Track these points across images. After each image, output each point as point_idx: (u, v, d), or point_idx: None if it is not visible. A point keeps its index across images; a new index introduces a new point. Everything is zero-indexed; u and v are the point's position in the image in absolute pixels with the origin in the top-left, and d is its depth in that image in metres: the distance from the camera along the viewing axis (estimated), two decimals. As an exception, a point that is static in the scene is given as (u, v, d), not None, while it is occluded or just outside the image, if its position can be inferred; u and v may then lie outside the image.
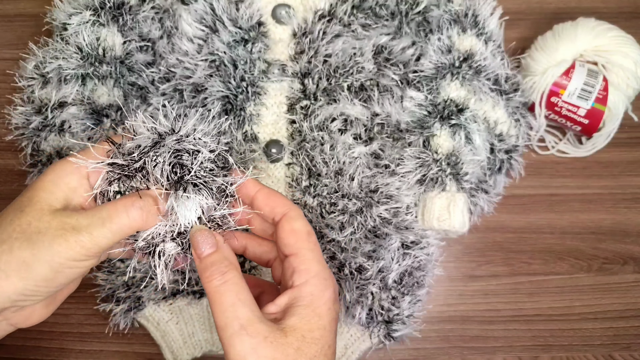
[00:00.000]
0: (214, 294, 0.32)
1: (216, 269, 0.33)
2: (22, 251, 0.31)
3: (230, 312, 0.31)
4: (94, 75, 0.50)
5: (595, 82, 0.53)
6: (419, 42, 0.54)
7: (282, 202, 0.36)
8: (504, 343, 0.51)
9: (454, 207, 0.48)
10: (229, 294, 0.32)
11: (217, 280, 0.32)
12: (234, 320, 0.31)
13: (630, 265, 0.53)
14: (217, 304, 0.32)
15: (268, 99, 0.53)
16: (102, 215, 0.32)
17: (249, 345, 0.31)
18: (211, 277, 0.32)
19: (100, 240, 0.32)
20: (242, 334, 0.31)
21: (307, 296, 0.33)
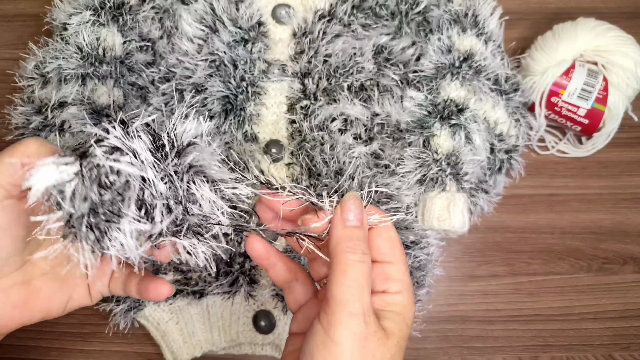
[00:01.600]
0: (349, 266, 0.30)
1: (360, 245, 0.31)
2: None
3: (357, 291, 0.30)
4: (94, 75, 0.50)
5: (595, 82, 0.53)
6: (419, 42, 0.54)
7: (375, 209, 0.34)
8: (504, 343, 0.51)
9: (454, 207, 0.48)
10: (363, 274, 0.30)
11: (357, 255, 0.31)
12: (357, 302, 0.29)
13: (630, 265, 0.53)
14: (346, 277, 0.30)
15: (268, 99, 0.53)
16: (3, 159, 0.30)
17: (362, 332, 0.29)
18: (353, 249, 0.31)
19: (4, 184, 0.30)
20: (360, 319, 0.29)
21: (399, 304, 0.32)
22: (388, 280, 0.33)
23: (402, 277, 0.33)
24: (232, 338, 0.49)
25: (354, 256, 0.31)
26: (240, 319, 0.49)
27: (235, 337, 0.49)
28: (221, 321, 0.49)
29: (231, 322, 0.49)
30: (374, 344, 0.30)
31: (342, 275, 0.30)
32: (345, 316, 0.29)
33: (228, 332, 0.49)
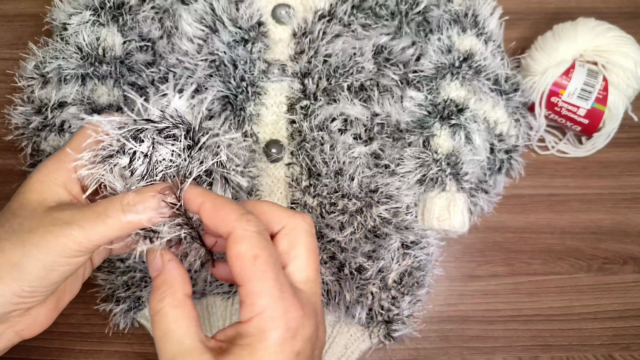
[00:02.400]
0: (152, 317, 0.30)
1: (157, 293, 0.30)
2: (14, 252, 0.30)
3: (170, 337, 0.29)
4: (94, 75, 0.50)
5: (595, 82, 0.53)
6: (419, 42, 0.54)
7: (226, 218, 0.30)
8: (504, 343, 0.51)
9: (454, 207, 0.48)
10: (165, 320, 0.29)
11: (155, 304, 0.30)
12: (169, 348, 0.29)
13: (630, 265, 0.53)
14: (155, 330, 0.30)
15: (268, 99, 0.53)
16: (97, 209, 0.30)
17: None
18: (152, 300, 0.30)
19: (92, 234, 0.30)
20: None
21: (247, 336, 0.28)
22: (242, 305, 0.29)
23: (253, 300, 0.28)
24: (232, 338, 0.49)
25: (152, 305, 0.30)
26: (240, 319, 0.49)
27: (235, 337, 0.49)
28: (221, 321, 0.49)
29: (231, 322, 0.49)
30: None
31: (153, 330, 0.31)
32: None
33: (228, 332, 0.49)
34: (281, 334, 0.28)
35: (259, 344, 0.28)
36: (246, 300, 0.29)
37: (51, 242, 0.30)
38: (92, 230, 0.30)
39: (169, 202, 0.32)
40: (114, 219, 0.30)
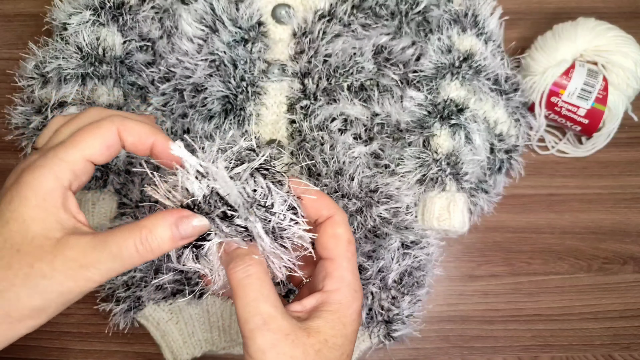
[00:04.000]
0: (237, 287, 0.31)
1: (240, 262, 0.32)
2: (32, 299, 0.30)
3: (253, 306, 0.31)
4: (94, 75, 0.50)
5: (595, 82, 0.53)
6: (419, 42, 0.54)
7: (328, 204, 0.35)
8: (504, 343, 0.51)
9: (454, 207, 0.48)
10: (252, 287, 0.31)
11: (240, 273, 0.31)
12: (256, 315, 0.30)
13: (630, 265, 0.53)
14: (239, 298, 0.31)
15: (268, 98, 0.53)
16: (112, 249, 0.30)
17: (269, 340, 0.30)
18: (234, 269, 0.31)
19: (110, 274, 0.31)
20: (264, 329, 0.30)
21: (335, 303, 0.33)
22: (325, 277, 0.33)
23: (342, 274, 0.33)
24: (232, 338, 0.49)
25: (238, 275, 0.31)
26: (240, 319, 0.49)
27: (235, 337, 0.49)
28: (221, 321, 0.49)
29: (231, 322, 0.49)
30: (288, 347, 0.30)
31: (237, 299, 0.31)
32: (250, 333, 0.30)
33: (228, 332, 0.49)
34: (359, 306, 0.34)
35: (346, 309, 0.33)
36: (334, 273, 0.33)
37: (71, 287, 0.30)
38: (109, 271, 0.30)
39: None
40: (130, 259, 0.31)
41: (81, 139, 0.31)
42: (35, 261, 0.29)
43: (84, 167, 0.32)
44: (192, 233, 0.31)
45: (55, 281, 0.29)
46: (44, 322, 0.31)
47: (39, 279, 0.29)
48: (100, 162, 0.32)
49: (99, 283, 0.31)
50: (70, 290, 0.30)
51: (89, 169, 0.32)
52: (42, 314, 0.30)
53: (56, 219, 0.31)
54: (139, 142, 0.33)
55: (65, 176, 0.31)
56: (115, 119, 0.32)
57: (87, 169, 0.32)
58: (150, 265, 0.48)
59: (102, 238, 0.30)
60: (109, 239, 0.30)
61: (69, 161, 0.31)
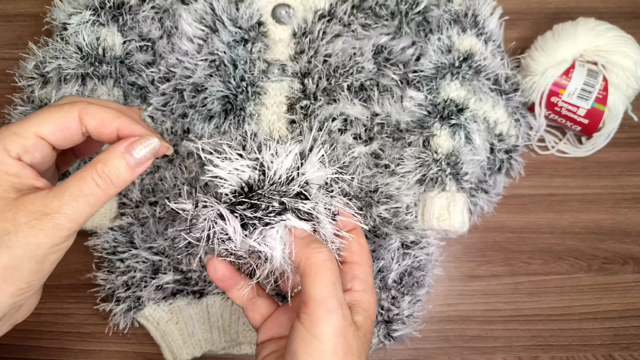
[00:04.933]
0: (320, 267, 0.32)
1: (321, 245, 0.33)
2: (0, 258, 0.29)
3: (332, 288, 0.32)
4: (94, 75, 0.50)
5: (595, 82, 0.53)
6: (419, 42, 0.54)
7: (352, 215, 0.37)
8: (504, 343, 0.51)
9: (454, 207, 0.48)
10: (334, 272, 0.32)
11: (324, 254, 0.32)
12: (334, 298, 0.31)
13: (630, 265, 0.53)
14: (321, 277, 0.32)
15: (268, 98, 0.53)
16: (72, 191, 0.30)
17: (341, 325, 0.31)
18: (317, 250, 0.32)
19: (78, 216, 0.30)
20: (339, 313, 0.31)
21: (366, 302, 0.35)
22: (354, 279, 0.35)
23: (367, 277, 0.35)
24: (232, 338, 0.49)
25: (321, 255, 0.32)
26: (240, 319, 0.49)
27: (235, 337, 0.49)
28: (221, 321, 0.49)
29: (231, 322, 0.49)
30: (350, 335, 0.32)
31: (316, 276, 0.32)
32: (325, 313, 0.31)
33: (228, 332, 0.49)
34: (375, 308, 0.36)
35: (372, 308, 0.35)
36: (362, 276, 0.35)
37: (39, 237, 0.29)
38: (75, 213, 0.30)
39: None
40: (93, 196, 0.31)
41: (36, 116, 0.32)
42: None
43: (35, 142, 0.31)
44: (146, 155, 0.32)
45: (20, 235, 0.29)
46: (25, 286, 0.30)
47: (3, 236, 0.29)
48: (56, 143, 0.32)
49: (69, 230, 0.30)
50: (39, 242, 0.29)
51: (42, 145, 0.32)
52: (16, 274, 0.30)
53: (10, 184, 0.30)
54: (102, 126, 0.32)
55: (14, 149, 0.31)
56: (78, 104, 0.32)
57: (39, 146, 0.32)
58: (151, 266, 0.48)
59: (60, 185, 0.30)
60: (66, 183, 0.30)
61: (19, 135, 0.31)
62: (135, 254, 0.48)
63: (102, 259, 0.49)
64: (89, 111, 0.32)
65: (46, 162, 0.33)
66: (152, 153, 0.32)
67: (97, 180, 0.31)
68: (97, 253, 0.49)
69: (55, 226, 0.30)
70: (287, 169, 0.33)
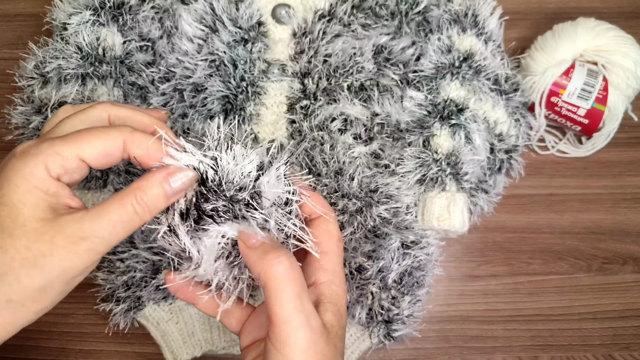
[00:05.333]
0: (281, 281, 0.30)
1: (279, 254, 0.31)
2: (33, 279, 0.29)
3: (297, 302, 0.30)
4: (94, 75, 0.50)
5: (595, 82, 0.53)
6: (419, 42, 0.54)
7: (321, 202, 0.36)
8: (504, 343, 0.51)
9: (454, 207, 0.48)
10: (296, 281, 0.30)
11: (283, 266, 0.30)
12: (300, 313, 0.30)
13: (630, 265, 0.53)
14: (283, 292, 0.30)
15: (268, 98, 0.53)
16: (111, 216, 0.30)
17: (310, 339, 0.30)
18: (277, 260, 0.30)
19: (113, 241, 0.30)
20: (306, 328, 0.30)
21: (333, 294, 0.33)
22: (319, 270, 0.34)
23: (334, 267, 0.34)
24: (232, 338, 0.49)
25: (281, 267, 0.30)
26: (240, 319, 0.49)
27: (235, 337, 0.49)
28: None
29: (231, 322, 0.49)
30: (321, 345, 0.31)
31: (278, 292, 0.30)
32: (291, 332, 0.30)
33: (228, 332, 0.49)
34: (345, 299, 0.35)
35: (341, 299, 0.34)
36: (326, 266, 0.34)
37: (74, 262, 0.29)
38: (111, 237, 0.30)
39: None
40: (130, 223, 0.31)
41: (81, 139, 0.31)
42: (32, 243, 0.29)
43: (77, 165, 0.31)
44: (182, 187, 0.32)
45: (56, 258, 0.29)
46: (50, 305, 0.31)
47: (39, 258, 0.29)
48: (95, 167, 0.32)
49: (102, 253, 0.30)
50: (72, 266, 0.30)
51: (82, 168, 0.32)
52: (46, 295, 0.30)
53: (48, 204, 0.30)
54: (147, 156, 0.32)
55: (55, 169, 0.30)
56: (124, 131, 0.32)
57: (80, 168, 0.32)
58: (151, 266, 0.48)
59: (98, 208, 0.30)
60: (105, 207, 0.30)
61: (63, 156, 0.31)
62: (135, 254, 0.48)
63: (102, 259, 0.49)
64: (135, 139, 0.32)
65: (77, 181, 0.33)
66: (188, 184, 0.32)
67: (136, 207, 0.31)
68: (97, 253, 0.49)
69: (90, 250, 0.30)
70: (240, 174, 0.32)
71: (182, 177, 0.32)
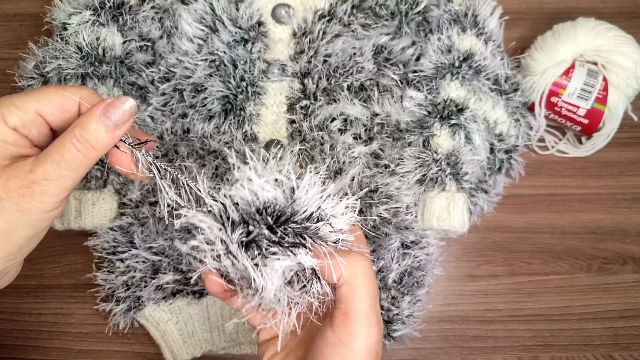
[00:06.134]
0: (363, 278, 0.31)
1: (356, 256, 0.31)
2: None
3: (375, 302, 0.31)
4: (94, 75, 0.50)
5: (595, 82, 0.53)
6: (419, 42, 0.54)
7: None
8: (504, 343, 0.51)
9: (454, 207, 0.48)
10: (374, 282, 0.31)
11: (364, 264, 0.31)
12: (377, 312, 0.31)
13: (630, 265, 0.53)
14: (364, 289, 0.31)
15: (268, 98, 0.53)
16: (54, 157, 0.30)
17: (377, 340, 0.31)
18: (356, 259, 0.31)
19: (64, 182, 0.31)
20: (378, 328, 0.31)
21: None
22: None
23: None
24: (232, 338, 0.49)
25: (364, 264, 0.31)
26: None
27: (235, 337, 0.49)
28: (221, 321, 0.49)
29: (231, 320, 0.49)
30: (380, 348, 0.31)
31: (361, 287, 0.30)
32: (365, 327, 0.30)
33: (228, 332, 0.49)
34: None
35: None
36: None
37: (31, 204, 0.30)
38: (60, 178, 0.30)
39: None
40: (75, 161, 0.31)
41: (39, 94, 0.32)
42: None
43: (34, 119, 0.32)
44: (122, 117, 0.32)
45: (12, 202, 0.30)
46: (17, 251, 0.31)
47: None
48: (53, 123, 0.33)
49: (58, 196, 0.31)
50: (31, 209, 0.30)
51: (39, 123, 0.32)
52: (10, 238, 0.30)
53: (5, 152, 0.31)
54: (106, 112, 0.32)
55: (12, 120, 0.31)
56: (83, 90, 0.33)
57: (37, 123, 0.32)
58: (151, 266, 0.48)
59: (44, 152, 0.31)
60: (48, 150, 0.31)
61: (20, 108, 0.31)
62: (135, 254, 0.48)
63: (102, 259, 0.49)
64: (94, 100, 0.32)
65: (41, 141, 0.33)
66: (130, 113, 0.32)
67: (77, 145, 0.31)
68: (97, 253, 0.49)
69: (43, 192, 0.30)
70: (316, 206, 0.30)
71: (121, 107, 0.32)
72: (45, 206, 0.31)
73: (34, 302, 0.51)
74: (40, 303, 0.51)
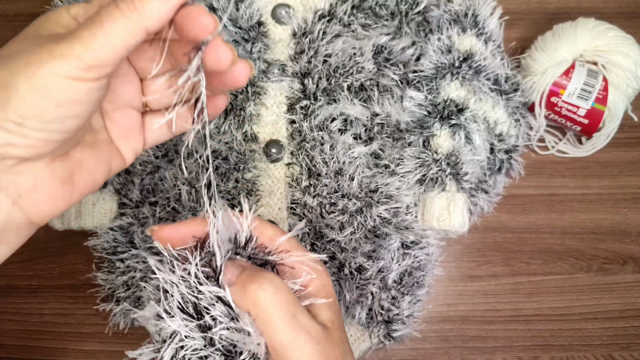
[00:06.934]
0: (270, 310, 0.28)
1: (259, 282, 0.28)
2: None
3: (294, 322, 0.28)
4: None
5: (595, 82, 0.53)
6: (419, 42, 0.54)
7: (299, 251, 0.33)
8: (504, 343, 0.51)
9: (454, 207, 0.48)
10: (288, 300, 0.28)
11: (268, 293, 0.28)
12: (301, 332, 0.28)
13: (630, 265, 0.53)
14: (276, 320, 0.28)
15: (268, 98, 0.53)
16: (99, 17, 0.24)
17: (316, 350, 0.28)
18: (261, 288, 0.28)
19: (95, 46, 0.24)
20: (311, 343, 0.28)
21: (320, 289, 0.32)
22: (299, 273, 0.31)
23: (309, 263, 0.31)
24: (232, 338, 0.49)
25: (267, 295, 0.28)
26: (240, 319, 0.49)
27: (235, 337, 0.49)
28: (221, 321, 0.49)
29: (231, 322, 0.49)
30: (328, 349, 0.29)
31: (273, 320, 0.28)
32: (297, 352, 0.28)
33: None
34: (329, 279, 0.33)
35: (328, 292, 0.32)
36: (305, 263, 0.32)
37: (44, 57, 0.24)
38: (90, 37, 0.24)
39: None
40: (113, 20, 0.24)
41: None
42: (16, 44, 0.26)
43: None
44: None
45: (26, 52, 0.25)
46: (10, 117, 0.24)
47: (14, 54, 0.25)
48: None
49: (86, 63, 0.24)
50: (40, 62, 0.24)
51: None
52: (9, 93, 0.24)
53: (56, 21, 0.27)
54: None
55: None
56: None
57: None
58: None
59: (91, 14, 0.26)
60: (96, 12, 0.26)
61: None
62: (135, 254, 0.48)
63: (102, 259, 0.49)
64: None
65: None
66: None
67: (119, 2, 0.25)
68: (97, 253, 0.49)
69: (66, 49, 0.24)
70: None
71: None
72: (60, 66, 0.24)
73: (35, 302, 0.51)
74: (40, 303, 0.52)
